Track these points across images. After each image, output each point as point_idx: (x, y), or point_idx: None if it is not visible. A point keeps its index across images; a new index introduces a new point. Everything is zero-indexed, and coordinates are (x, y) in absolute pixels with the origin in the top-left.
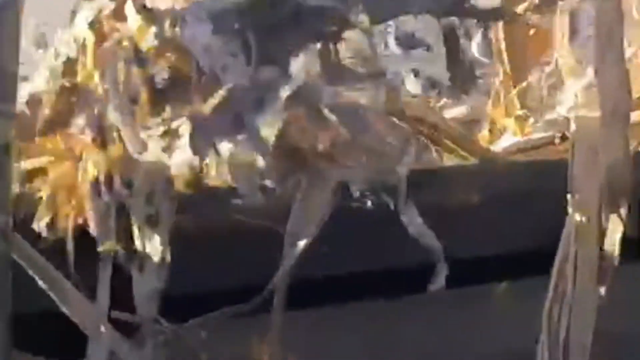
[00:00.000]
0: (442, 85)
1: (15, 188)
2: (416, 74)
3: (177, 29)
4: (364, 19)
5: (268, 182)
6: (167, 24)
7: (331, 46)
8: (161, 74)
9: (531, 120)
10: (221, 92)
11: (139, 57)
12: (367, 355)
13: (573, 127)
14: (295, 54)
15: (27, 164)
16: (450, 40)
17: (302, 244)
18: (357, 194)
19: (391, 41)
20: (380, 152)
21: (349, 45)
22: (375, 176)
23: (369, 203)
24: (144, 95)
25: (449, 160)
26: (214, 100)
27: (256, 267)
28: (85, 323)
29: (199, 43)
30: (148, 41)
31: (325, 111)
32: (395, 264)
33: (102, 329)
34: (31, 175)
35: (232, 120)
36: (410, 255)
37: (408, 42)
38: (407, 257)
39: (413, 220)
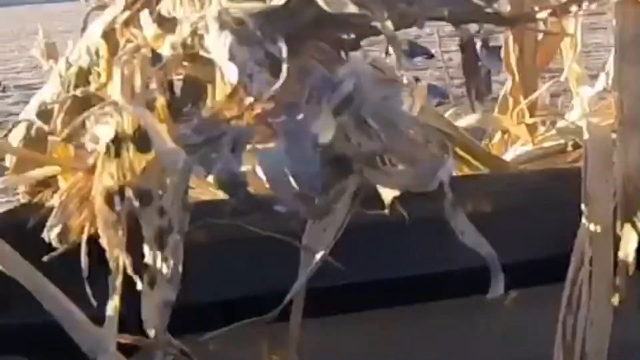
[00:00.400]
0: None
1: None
2: (417, 80)
3: (196, 38)
4: (388, 25)
5: (310, 191)
6: (186, 32)
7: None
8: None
9: (542, 128)
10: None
11: (158, 62)
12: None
13: (586, 134)
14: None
15: (36, 174)
16: (467, 48)
17: (320, 253)
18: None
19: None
20: (420, 159)
21: None
22: (416, 183)
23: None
24: (161, 101)
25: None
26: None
27: (268, 276)
28: (90, 346)
29: (223, 52)
30: (165, 49)
31: (369, 119)
32: (408, 273)
33: (110, 350)
34: (40, 185)
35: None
36: (420, 264)
37: (410, 50)
38: (418, 266)
39: (464, 227)
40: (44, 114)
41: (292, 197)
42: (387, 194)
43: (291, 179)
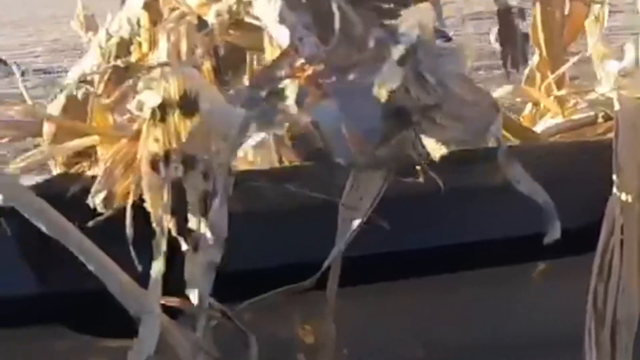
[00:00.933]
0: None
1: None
2: None
3: (241, 5)
4: None
5: (368, 142)
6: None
7: None
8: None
9: (571, 101)
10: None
11: (203, 29)
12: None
13: (617, 105)
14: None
15: (75, 144)
16: (504, 15)
17: (357, 220)
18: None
19: None
20: (469, 117)
21: None
22: (469, 136)
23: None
24: (207, 66)
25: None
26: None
27: (306, 244)
28: (135, 307)
29: (273, 17)
30: (211, 16)
31: (427, 74)
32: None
33: (155, 312)
34: (77, 156)
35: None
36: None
37: None
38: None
39: (520, 176)
40: (84, 84)
41: (349, 150)
42: (435, 151)
43: (347, 133)
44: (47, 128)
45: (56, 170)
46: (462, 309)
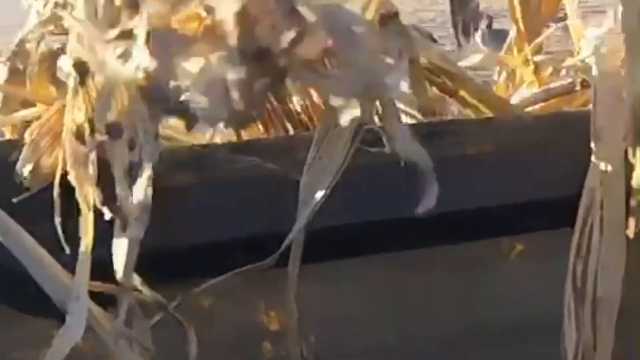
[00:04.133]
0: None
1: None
2: None
3: None
4: None
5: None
6: None
7: None
8: None
9: (549, 69)
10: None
11: None
12: (391, 312)
13: (595, 70)
14: None
15: (22, 114)
16: None
17: (320, 193)
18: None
19: None
20: (368, 67)
21: None
22: (361, 89)
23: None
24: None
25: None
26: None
27: (266, 220)
28: (59, 295)
29: None
30: None
31: (303, 8)
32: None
33: (83, 298)
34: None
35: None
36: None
37: None
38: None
39: (397, 133)
40: (24, 52)
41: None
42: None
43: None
44: None
45: None
46: (437, 285)
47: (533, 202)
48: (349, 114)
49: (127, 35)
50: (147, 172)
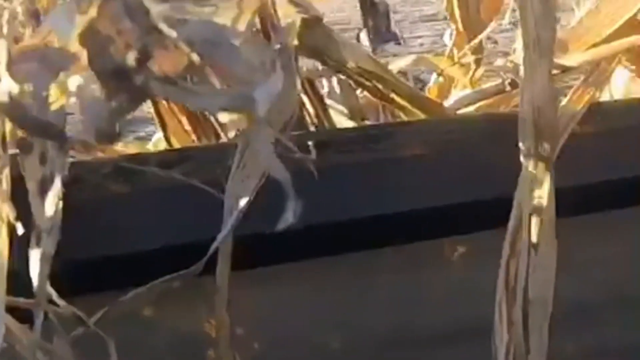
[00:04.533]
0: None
1: None
2: None
3: None
4: None
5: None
6: None
7: None
8: None
9: (481, 70)
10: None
11: None
12: (325, 317)
13: (521, 70)
14: None
15: None
16: None
17: (244, 199)
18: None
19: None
20: (238, 75)
21: None
22: (230, 104)
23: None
24: None
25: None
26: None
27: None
28: None
29: None
30: None
31: (164, 26)
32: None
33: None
34: None
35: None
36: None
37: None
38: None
39: (264, 149)
40: None
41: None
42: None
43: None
44: None
45: None
46: (379, 291)
47: (470, 203)
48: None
49: None
50: (57, 186)
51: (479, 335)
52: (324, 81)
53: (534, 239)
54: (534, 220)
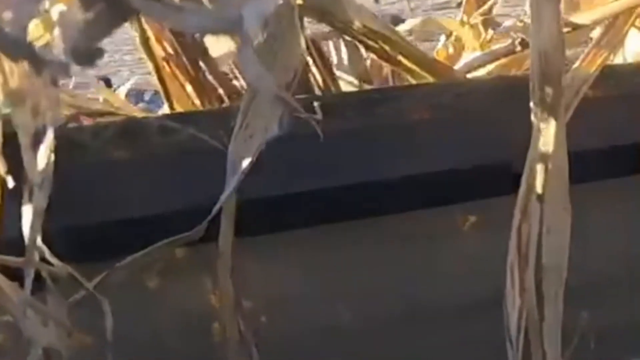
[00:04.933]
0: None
1: None
2: None
3: None
4: None
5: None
6: None
7: None
8: None
9: (490, 32)
10: None
11: None
12: (333, 286)
13: (532, 29)
14: None
15: None
16: None
17: (247, 160)
18: None
19: None
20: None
21: None
22: (215, 24)
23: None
24: None
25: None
26: None
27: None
28: None
29: None
30: None
31: None
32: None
33: None
34: None
35: None
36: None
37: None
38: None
39: (250, 64)
40: None
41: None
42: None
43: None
44: None
45: None
46: (389, 259)
47: (481, 167)
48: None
49: None
50: (49, 139)
51: (492, 307)
52: (333, 52)
53: (546, 198)
54: (545, 177)
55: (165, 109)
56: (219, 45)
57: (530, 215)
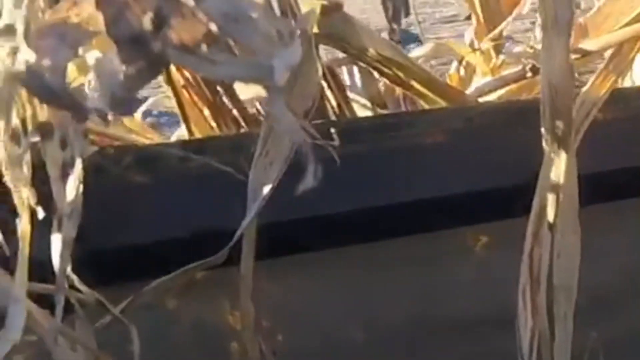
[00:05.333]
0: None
1: None
2: None
3: None
4: None
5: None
6: None
7: None
8: None
9: (501, 57)
10: None
11: None
12: (347, 307)
13: (543, 57)
14: None
15: None
16: None
17: (267, 187)
18: None
19: None
20: (255, 46)
21: None
22: (248, 73)
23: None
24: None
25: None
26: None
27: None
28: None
29: None
30: None
31: None
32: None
33: (22, 300)
34: None
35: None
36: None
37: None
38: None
39: (281, 115)
40: None
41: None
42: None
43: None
44: None
45: None
46: (401, 280)
47: (492, 191)
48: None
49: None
50: (77, 170)
51: (502, 326)
52: (346, 75)
53: (557, 224)
54: (556, 203)
55: (182, 132)
56: (246, 89)
57: (542, 240)
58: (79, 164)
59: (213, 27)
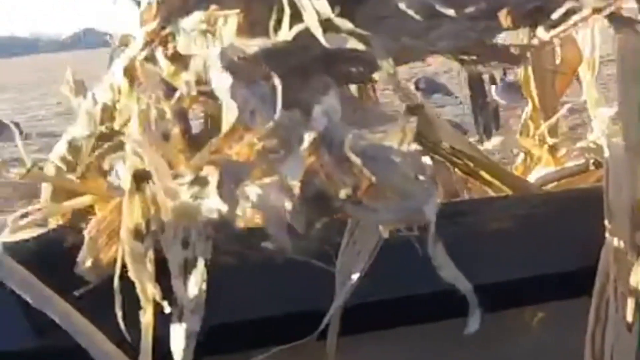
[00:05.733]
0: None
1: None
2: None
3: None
4: (387, 61)
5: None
6: (198, 68)
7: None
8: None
9: (563, 150)
10: (248, 137)
11: (172, 95)
12: None
13: (606, 151)
14: (320, 97)
15: (73, 203)
16: (474, 84)
17: (355, 275)
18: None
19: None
20: (407, 192)
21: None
22: (401, 219)
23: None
24: (175, 131)
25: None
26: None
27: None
28: None
29: (223, 89)
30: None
31: (351, 155)
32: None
33: None
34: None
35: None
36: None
37: (430, 86)
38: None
39: (442, 262)
40: (74, 150)
41: (281, 233)
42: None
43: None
44: (44, 188)
45: None
46: (464, 356)
47: (554, 274)
48: None
49: (201, 181)
50: (200, 268)
51: None
52: None
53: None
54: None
55: None
56: None
57: (602, 321)
58: (201, 263)
59: (373, 179)
